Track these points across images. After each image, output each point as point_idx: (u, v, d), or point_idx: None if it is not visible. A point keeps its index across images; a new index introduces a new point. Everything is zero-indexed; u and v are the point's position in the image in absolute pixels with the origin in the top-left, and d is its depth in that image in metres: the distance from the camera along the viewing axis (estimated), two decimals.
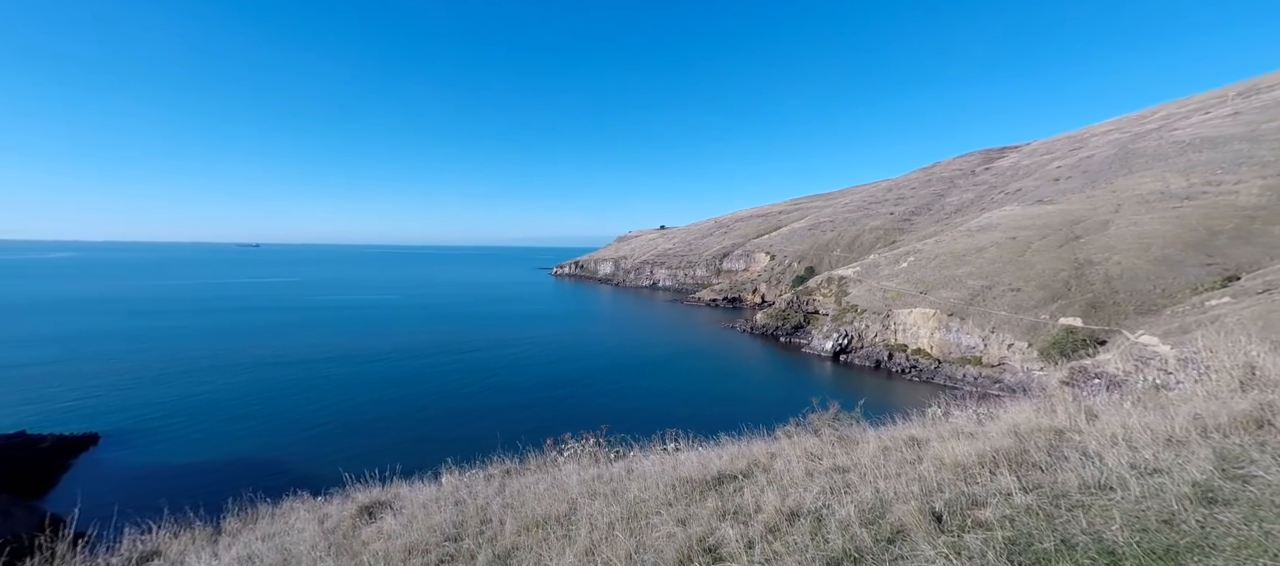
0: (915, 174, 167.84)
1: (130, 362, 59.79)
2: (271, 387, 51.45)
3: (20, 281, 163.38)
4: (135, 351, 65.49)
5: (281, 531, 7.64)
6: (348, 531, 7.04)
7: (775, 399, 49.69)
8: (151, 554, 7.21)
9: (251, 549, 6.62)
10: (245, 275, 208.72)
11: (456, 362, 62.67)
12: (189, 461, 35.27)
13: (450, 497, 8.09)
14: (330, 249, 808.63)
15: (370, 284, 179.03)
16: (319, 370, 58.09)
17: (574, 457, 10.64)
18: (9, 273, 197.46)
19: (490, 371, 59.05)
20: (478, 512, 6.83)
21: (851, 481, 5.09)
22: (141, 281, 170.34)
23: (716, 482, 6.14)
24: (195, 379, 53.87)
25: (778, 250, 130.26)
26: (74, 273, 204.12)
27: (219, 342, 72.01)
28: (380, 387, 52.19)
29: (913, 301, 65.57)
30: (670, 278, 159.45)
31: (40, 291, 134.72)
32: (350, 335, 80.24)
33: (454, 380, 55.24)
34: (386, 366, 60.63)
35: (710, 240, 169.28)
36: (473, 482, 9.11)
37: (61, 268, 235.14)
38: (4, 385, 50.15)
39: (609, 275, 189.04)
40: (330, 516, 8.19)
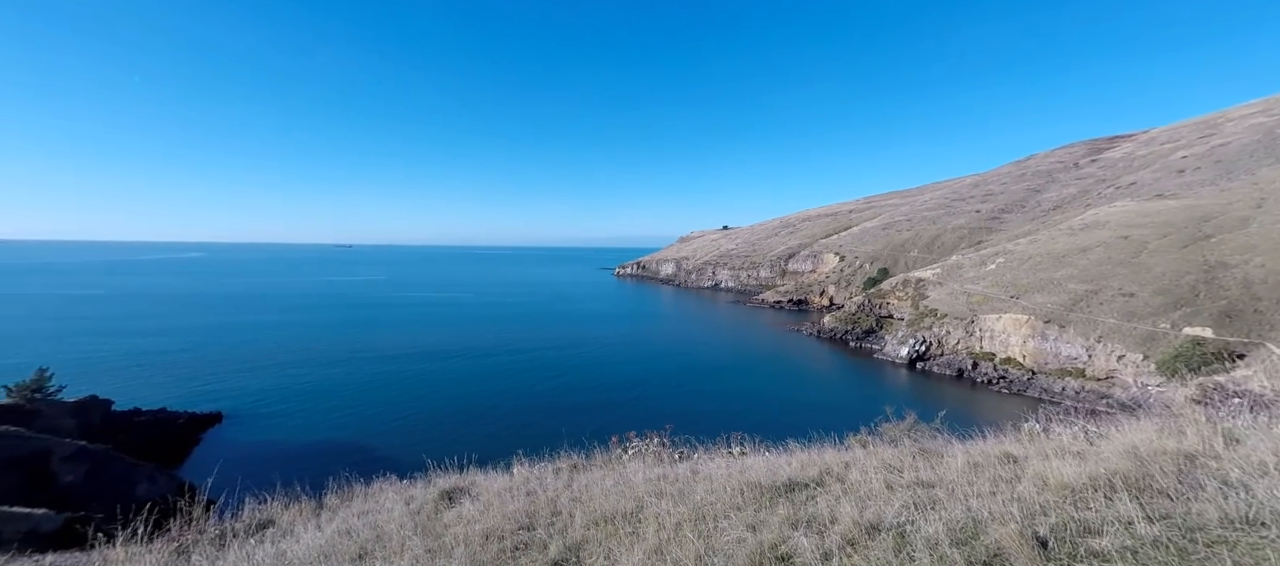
0: (1006, 168, 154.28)
1: (248, 352, 67.48)
2: (362, 379, 56.12)
3: (161, 278, 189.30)
4: (252, 342, 73.87)
5: (373, 509, 8.29)
6: (431, 513, 7.50)
7: (844, 406, 47.48)
8: (267, 522, 8.08)
9: (349, 524, 7.24)
10: (341, 274, 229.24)
11: (525, 361, 65.14)
12: (295, 441, 39.25)
13: (522, 488, 8.42)
14: (411, 249, 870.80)
15: (446, 283, 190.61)
16: (403, 365, 62.58)
17: (638, 456, 10.74)
18: (153, 270, 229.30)
19: (557, 370, 60.86)
20: (548, 504, 7.06)
21: (937, 497, 4.75)
22: (257, 279, 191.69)
23: (787, 490, 5.96)
24: (300, 369, 59.85)
25: (847, 250, 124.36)
26: (204, 271, 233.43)
27: (320, 336, 79.56)
28: (457, 382, 55.36)
29: (1002, 306, 60.20)
30: (733, 278, 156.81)
31: (177, 287, 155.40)
32: (430, 331, 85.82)
33: (523, 377, 57.47)
34: (462, 362, 64.21)
35: (775, 240, 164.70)
36: (542, 475, 9.43)
37: (194, 266, 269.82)
38: (150, 368, 58.30)
39: (671, 276, 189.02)
40: (415, 498, 8.78)
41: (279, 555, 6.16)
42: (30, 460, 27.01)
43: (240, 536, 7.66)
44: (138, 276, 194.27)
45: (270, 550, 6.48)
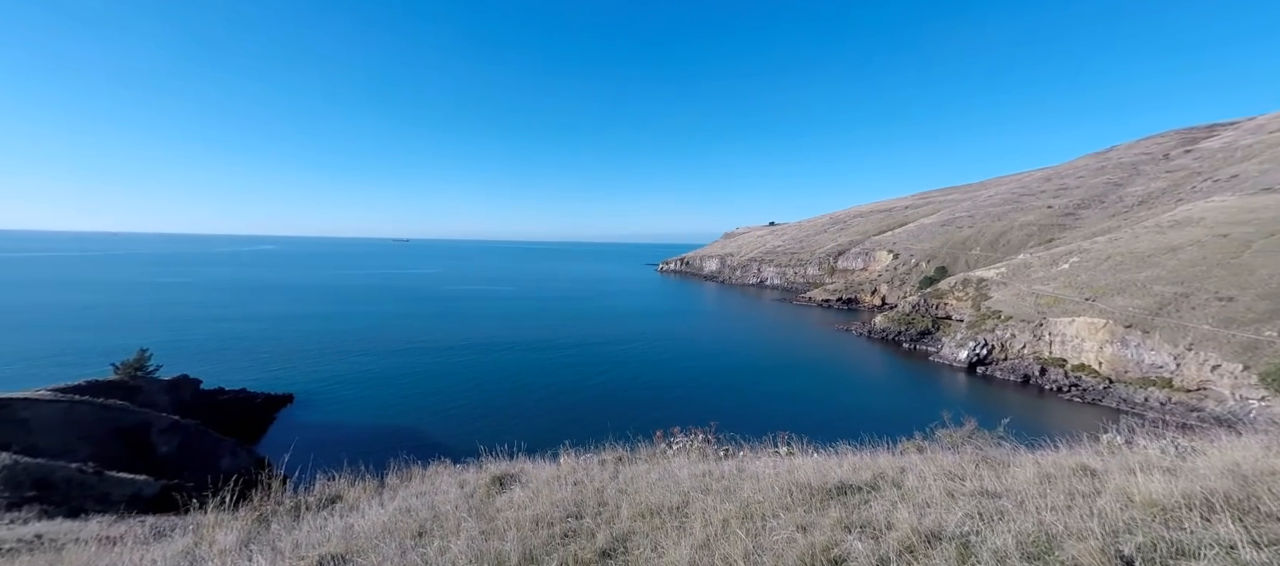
0: (1084, 160, 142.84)
1: (315, 339, 72.29)
2: (418, 368, 58.94)
3: (239, 269, 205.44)
4: (319, 330, 79.10)
5: (430, 490, 8.69)
6: (483, 497, 7.79)
7: (897, 409, 45.58)
8: (335, 497, 8.64)
9: (408, 503, 7.63)
10: (398, 267, 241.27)
11: (571, 356, 66.33)
12: (357, 423, 41.77)
13: (569, 477, 8.60)
14: (462, 243, 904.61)
15: (494, 276, 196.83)
16: (455, 356, 65.25)
17: (683, 452, 10.74)
18: (231, 261, 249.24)
19: (601, 364, 61.65)
20: (595, 494, 7.18)
21: (1005, 508, 4.49)
22: (323, 271, 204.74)
23: (838, 492, 5.80)
24: (361, 357, 63.56)
25: (902, 248, 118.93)
26: (276, 263, 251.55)
27: (380, 327, 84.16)
28: (506, 374, 57.16)
29: (1076, 309, 55.89)
30: (779, 276, 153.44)
31: (253, 277, 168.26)
32: (480, 323, 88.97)
33: (569, 371, 58.57)
34: (510, 355, 66.21)
35: (824, 237, 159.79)
36: (588, 466, 9.59)
37: (268, 258, 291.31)
38: (232, 352, 63.53)
39: (714, 272, 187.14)
40: (468, 482, 9.14)
41: (347, 529, 6.58)
42: (133, 431, 30.03)
43: (312, 509, 8.23)
44: (218, 267, 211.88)
45: (339, 523, 6.93)
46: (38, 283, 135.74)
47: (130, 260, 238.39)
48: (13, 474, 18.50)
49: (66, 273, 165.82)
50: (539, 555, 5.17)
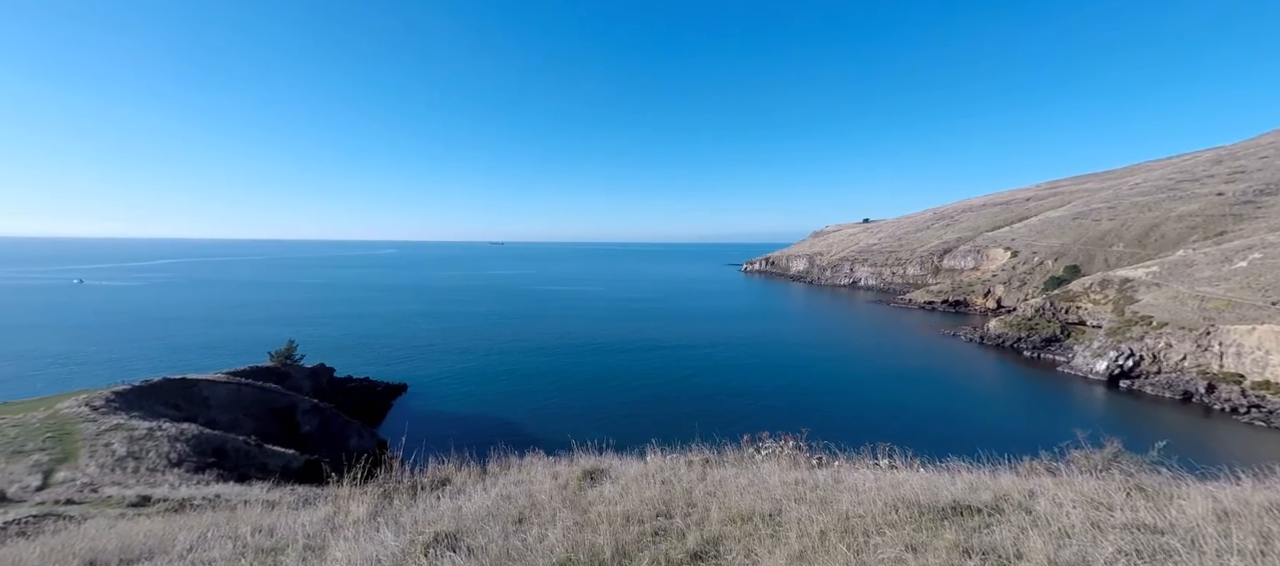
0: (1268, 137, 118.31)
1: (425, 335, 79.67)
2: (513, 363, 62.82)
3: (363, 271, 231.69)
4: (428, 327, 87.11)
5: (526, 479, 9.19)
6: (575, 490, 8.08)
7: (1016, 425, 40.78)
8: (445, 479, 9.43)
9: (508, 490, 8.13)
10: (494, 269, 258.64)
11: (656, 358, 66.90)
12: (460, 413, 45.38)
13: (656, 476, 8.67)
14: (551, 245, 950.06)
15: (581, 277, 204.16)
16: (547, 354, 68.65)
17: (772, 458, 10.41)
18: (357, 265, 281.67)
19: (685, 365, 61.59)
20: (683, 495, 7.17)
21: (1171, 547, 3.82)
22: (433, 273, 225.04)
23: (953, 512, 5.29)
24: (464, 351, 69.03)
25: (1023, 245, 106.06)
26: (395, 266, 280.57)
27: (480, 325, 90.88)
28: (594, 372, 59.03)
29: (1256, 315, 46.39)
30: (874, 276, 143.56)
31: (374, 279, 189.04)
32: (568, 323, 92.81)
33: (654, 372, 59.12)
34: (598, 355, 68.31)
35: (927, 234, 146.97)
36: (675, 466, 9.60)
37: (388, 262, 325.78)
38: (358, 345, 71.85)
39: (802, 272, 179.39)
40: (560, 474, 9.54)
41: (456, 510, 7.15)
42: (284, 411, 34.96)
43: (426, 489, 9.04)
44: (348, 270, 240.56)
45: (449, 504, 7.55)
46: (197, 283, 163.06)
47: (270, 265, 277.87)
48: (199, 442, 22.36)
49: (219, 276, 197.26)
50: (631, 551, 5.26)
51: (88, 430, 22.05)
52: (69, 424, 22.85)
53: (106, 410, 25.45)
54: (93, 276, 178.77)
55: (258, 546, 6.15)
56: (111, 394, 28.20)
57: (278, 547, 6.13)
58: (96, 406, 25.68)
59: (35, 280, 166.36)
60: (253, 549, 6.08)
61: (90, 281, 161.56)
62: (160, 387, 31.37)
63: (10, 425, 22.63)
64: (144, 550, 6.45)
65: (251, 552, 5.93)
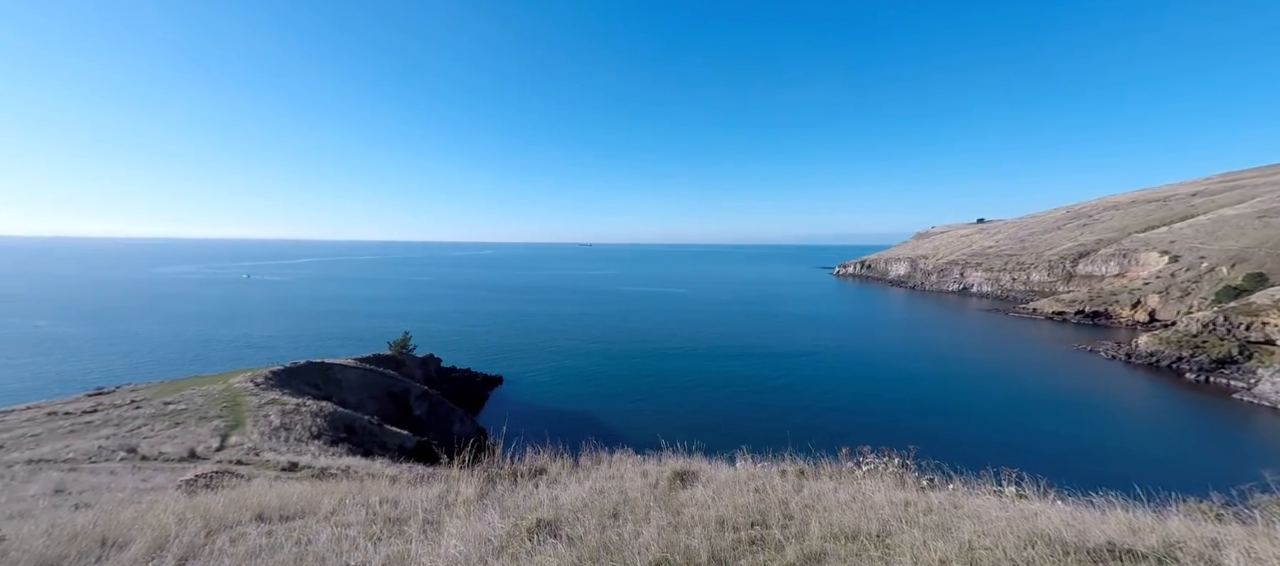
0: None
1: (518, 331, 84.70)
2: (601, 361, 64.74)
3: (465, 270, 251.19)
4: (522, 323, 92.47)
5: (617, 476, 9.37)
6: (666, 490, 8.10)
7: (1178, 460, 34.60)
8: (541, 469, 9.90)
9: (601, 484, 8.34)
10: (584, 269, 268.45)
11: (745, 361, 65.52)
12: (551, 406, 47.63)
13: (748, 483, 8.44)
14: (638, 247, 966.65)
15: (667, 278, 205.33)
16: (632, 352, 69.99)
17: (874, 474, 9.70)
18: (460, 265, 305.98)
19: (776, 370, 59.64)
20: (779, 505, 6.91)
21: None
22: (527, 273, 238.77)
23: (1109, 556, 4.57)
24: (555, 348, 72.38)
25: (1186, 248, 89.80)
26: (493, 266, 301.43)
27: (571, 323, 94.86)
28: (681, 374, 59.05)
29: None
30: (989, 282, 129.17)
31: (475, 278, 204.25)
32: (655, 324, 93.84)
33: (742, 376, 57.93)
34: (684, 358, 68.34)
35: (1057, 236, 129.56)
36: (767, 474, 9.29)
37: (487, 262, 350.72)
38: (461, 338, 78.06)
39: (903, 277, 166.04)
40: (649, 473, 9.62)
41: (553, 499, 7.47)
42: (400, 395, 38.83)
43: (524, 477, 9.55)
44: (451, 268, 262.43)
45: (547, 493, 7.90)
46: (330, 279, 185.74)
47: (389, 263, 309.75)
48: (334, 419, 25.55)
49: (347, 273, 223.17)
50: (727, 558, 5.16)
51: (251, 403, 26.11)
52: (238, 397, 27.21)
53: (265, 386, 29.95)
54: (257, 272, 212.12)
55: (385, 516, 6.85)
56: (269, 373, 33.14)
57: (401, 518, 6.79)
58: (258, 383, 30.33)
59: (216, 275, 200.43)
60: (381, 517, 6.79)
61: (255, 277, 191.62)
62: (304, 369, 36.30)
63: (198, 395, 27.43)
64: (297, 509, 7.46)
65: (380, 521, 6.62)
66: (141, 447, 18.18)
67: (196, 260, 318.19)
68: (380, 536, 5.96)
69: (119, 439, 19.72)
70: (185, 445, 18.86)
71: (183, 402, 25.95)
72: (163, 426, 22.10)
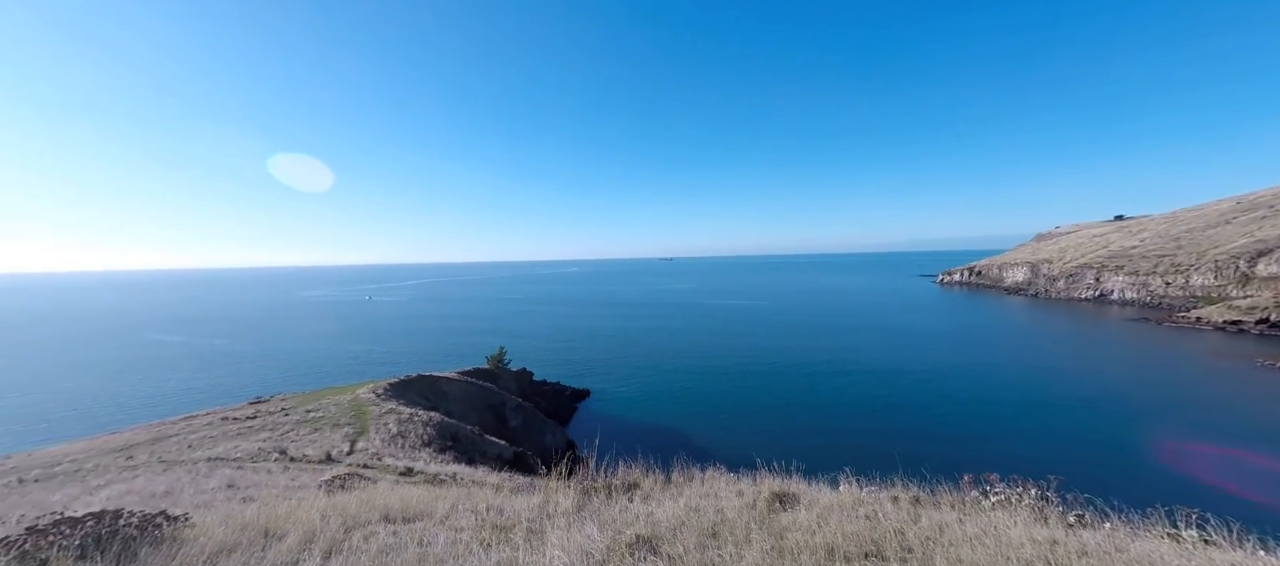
0: None
1: (605, 345, 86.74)
2: (687, 375, 64.37)
3: (553, 287, 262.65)
4: (607, 339, 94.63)
5: (712, 494, 9.14)
6: (764, 511, 7.75)
7: None
8: (634, 484, 9.92)
9: (696, 502, 8.17)
10: (665, 282, 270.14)
11: (841, 381, 61.80)
12: (639, 420, 48.01)
13: (855, 508, 7.84)
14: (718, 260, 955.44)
15: (748, 290, 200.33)
16: (719, 369, 68.81)
17: (1005, 506, 8.59)
18: (547, 281, 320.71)
19: (879, 387, 55.60)
20: (894, 535, 6.33)
21: None
22: (611, 288, 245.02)
23: None
24: (640, 362, 73.16)
25: None
26: (579, 282, 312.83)
27: (654, 337, 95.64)
28: (770, 389, 57.14)
29: None
30: (1134, 287, 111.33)
31: (561, 293, 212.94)
32: (739, 338, 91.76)
33: (840, 392, 54.67)
34: (773, 372, 66.04)
35: (1226, 231, 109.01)
36: (876, 500, 8.58)
37: (573, 278, 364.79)
38: (550, 352, 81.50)
39: (1022, 283, 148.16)
40: (745, 493, 9.27)
41: (649, 515, 7.42)
42: (497, 407, 41.18)
43: (617, 491, 9.62)
44: (539, 285, 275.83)
45: (641, 509, 7.88)
46: (434, 299, 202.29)
47: (485, 282, 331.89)
48: (442, 428, 27.66)
49: (448, 293, 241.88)
50: None
51: (373, 412, 29.06)
52: (363, 406, 30.42)
53: (384, 397, 33.23)
54: (377, 293, 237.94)
55: (492, 523, 7.21)
56: (387, 385, 36.76)
57: (507, 526, 7.10)
58: (378, 394, 33.74)
59: (344, 297, 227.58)
60: (489, 523, 7.15)
61: (376, 297, 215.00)
62: (415, 382, 39.82)
63: (332, 404, 31.07)
64: (416, 512, 8.09)
65: (488, 527, 6.97)
66: (290, 450, 20.88)
67: (330, 284, 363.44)
68: (490, 542, 6.26)
69: (273, 441, 22.83)
70: (323, 448, 21.38)
71: (320, 411, 29.52)
72: (305, 432, 25.27)
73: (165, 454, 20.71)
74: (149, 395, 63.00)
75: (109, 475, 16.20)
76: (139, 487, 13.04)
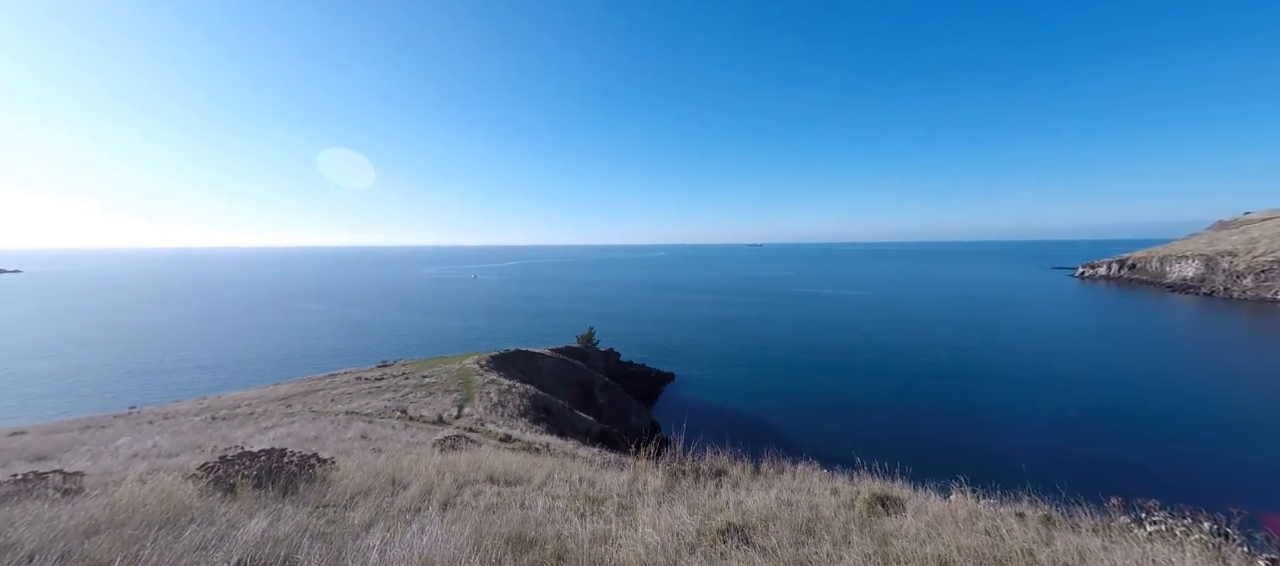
0: None
1: (690, 330, 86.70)
2: (778, 364, 62.58)
3: (638, 271, 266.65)
4: (693, 323, 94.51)
5: (804, 489, 8.79)
6: (864, 513, 7.30)
7: None
8: (722, 471, 9.82)
9: (787, 496, 7.91)
10: (754, 270, 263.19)
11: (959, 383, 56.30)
12: (724, 407, 47.63)
13: (971, 522, 7.11)
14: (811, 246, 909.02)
15: (848, 279, 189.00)
16: (813, 362, 66.03)
17: (1167, 538, 7.31)
18: (635, 265, 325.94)
19: (1004, 396, 49.53)
20: (1022, 554, 5.66)
21: None
22: (698, 273, 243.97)
23: None
24: (727, 348, 72.32)
25: None
26: (664, 266, 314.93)
27: (742, 324, 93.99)
28: (868, 386, 53.69)
29: None
30: None
31: (650, 277, 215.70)
32: (838, 330, 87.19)
33: (955, 397, 49.61)
34: (874, 370, 62.10)
35: None
36: (999, 516, 7.71)
37: (659, 263, 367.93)
38: (636, 335, 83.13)
39: (1192, 279, 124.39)
40: (841, 492, 8.79)
41: (738, 503, 7.31)
42: (586, 384, 42.93)
43: (704, 476, 9.58)
44: (626, 270, 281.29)
45: (730, 495, 7.78)
46: (531, 279, 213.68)
47: (577, 265, 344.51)
48: (536, 400, 29.45)
49: (544, 274, 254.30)
50: None
51: (477, 381, 31.65)
52: (469, 375, 33.26)
53: (486, 368, 36.05)
54: (481, 273, 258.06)
55: (585, 494, 7.52)
56: (488, 358, 39.82)
57: (599, 499, 7.37)
58: (481, 365, 36.67)
59: (452, 275, 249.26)
60: (582, 495, 7.46)
61: (479, 276, 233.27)
62: (513, 356, 42.69)
63: (443, 372, 34.34)
64: (516, 476, 8.68)
65: (582, 498, 7.28)
66: (409, 410, 23.44)
67: (440, 262, 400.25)
68: (584, 512, 6.53)
69: (396, 401, 25.78)
70: (435, 411, 23.75)
71: (433, 377, 32.77)
72: (421, 395, 28.22)
73: (314, 405, 24.26)
74: (301, 353, 74.06)
75: (274, 419, 19.36)
76: (296, 431, 15.42)
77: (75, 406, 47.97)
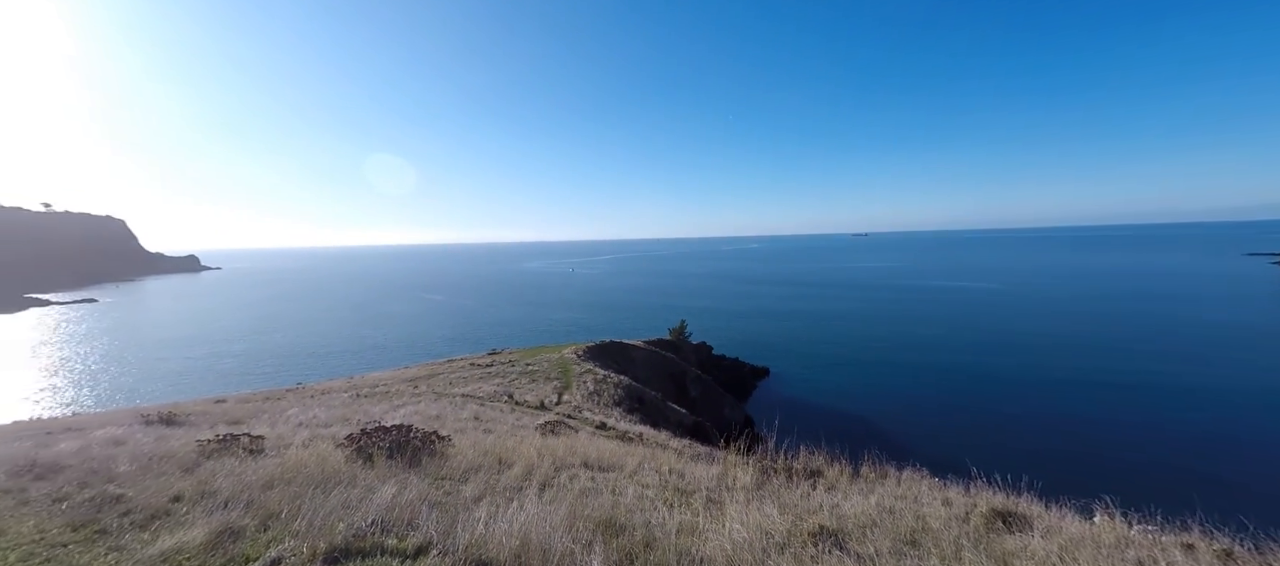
0: None
1: (786, 324, 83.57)
2: (882, 363, 58.44)
3: (736, 263, 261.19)
4: (789, 318, 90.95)
5: (909, 496, 8.15)
6: (980, 529, 6.61)
7: None
8: (817, 471, 9.42)
9: (889, 503, 7.39)
10: (859, 261, 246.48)
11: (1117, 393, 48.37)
12: (822, 404, 45.51)
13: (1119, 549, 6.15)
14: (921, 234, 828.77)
15: (967, 269, 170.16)
16: (924, 363, 60.68)
17: None
18: (729, 257, 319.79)
19: (1172, 409, 41.94)
20: None
21: None
22: (797, 266, 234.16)
23: None
24: (826, 344, 68.79)
25: None
26: (762, 257, 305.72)
27: (843, 318, 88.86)
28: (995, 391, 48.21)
29: None
30: None
31: (745, 270, 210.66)
32: (954, 327, 79.26)
33: (1107, 406, 42.93)
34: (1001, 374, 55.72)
35: None
36: (1155, 543, 6.59)
37: (755, 254, 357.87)
38: (730, 328, 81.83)
39: None
40: (953, 503, 8.03)
41: (833, 506, 6.99)
42: (678, 376, 43.22)
43: (798, 476, 9.25)
44: (719, 261, 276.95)
45: (825, 498, 7.46)
46: (623, 272, 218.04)
47: (670, 257, 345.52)
48: (630, 390, 30.29)
49: (636, 266, 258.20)
50: None
51: (575, 370, 33.27)
52: (567, 364, 35.06)
53: (583, 358, 37.74)
54: (579, 267, 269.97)
55: (674, 485, 7.65)
56: (585, 348, 41.62)
57: (688, 490, 7.46)
58: (579, 355, 38.45)
59: (552, 269, 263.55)
60: (671, 486, 7.60)
61: (577, 270, 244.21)
62: (608, 347, 44.18)
63: (545, 360, 36.58)
64: (609, 463, 9.04)
65: (671, 489, 7.41)
66: (515, 395, 25.32)
67: (541, 256, 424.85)
68: (672, 503, 6.65)
69: (503, 387, 27.98)
70: (538, 397, 25.40)
71: (536, 365, 35.04)
72: (525, 381, 30.33)
73: (436, 387, 27.14)
74: (424, 340, 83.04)
75: (404, 398, 22.03)
76: (421, 410, 17.42)
77: (261, 381, 58.22)
